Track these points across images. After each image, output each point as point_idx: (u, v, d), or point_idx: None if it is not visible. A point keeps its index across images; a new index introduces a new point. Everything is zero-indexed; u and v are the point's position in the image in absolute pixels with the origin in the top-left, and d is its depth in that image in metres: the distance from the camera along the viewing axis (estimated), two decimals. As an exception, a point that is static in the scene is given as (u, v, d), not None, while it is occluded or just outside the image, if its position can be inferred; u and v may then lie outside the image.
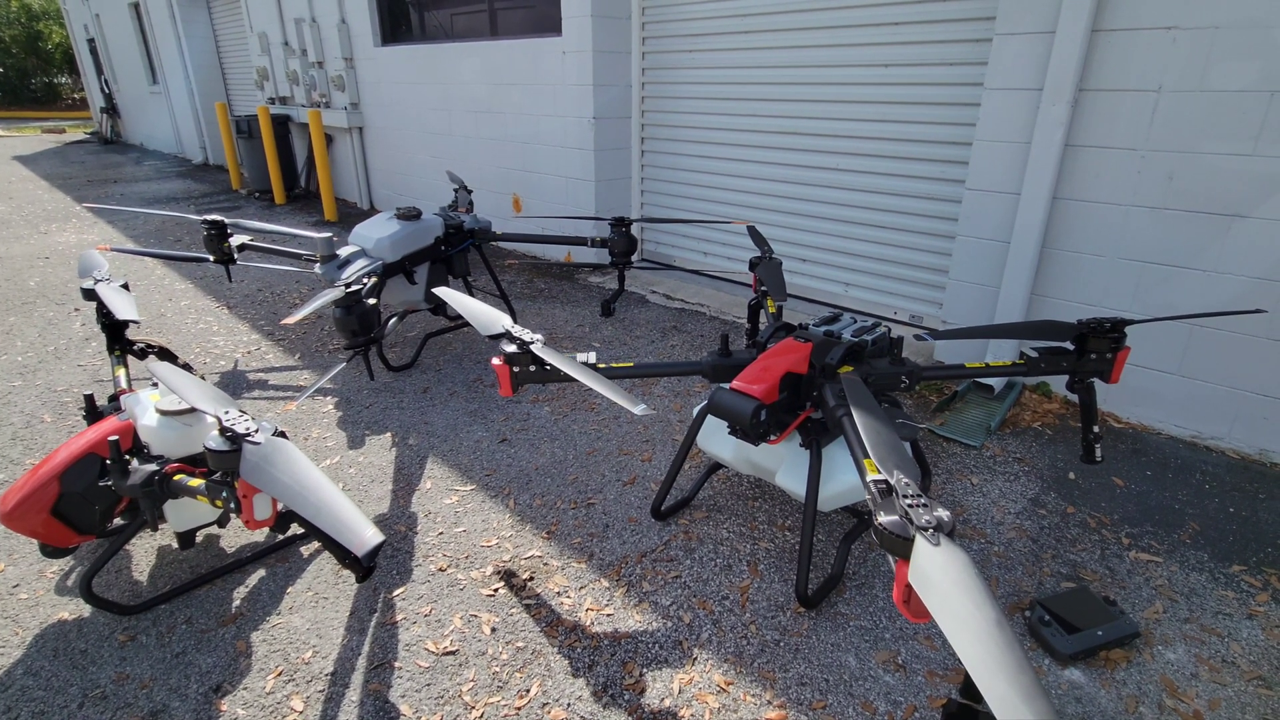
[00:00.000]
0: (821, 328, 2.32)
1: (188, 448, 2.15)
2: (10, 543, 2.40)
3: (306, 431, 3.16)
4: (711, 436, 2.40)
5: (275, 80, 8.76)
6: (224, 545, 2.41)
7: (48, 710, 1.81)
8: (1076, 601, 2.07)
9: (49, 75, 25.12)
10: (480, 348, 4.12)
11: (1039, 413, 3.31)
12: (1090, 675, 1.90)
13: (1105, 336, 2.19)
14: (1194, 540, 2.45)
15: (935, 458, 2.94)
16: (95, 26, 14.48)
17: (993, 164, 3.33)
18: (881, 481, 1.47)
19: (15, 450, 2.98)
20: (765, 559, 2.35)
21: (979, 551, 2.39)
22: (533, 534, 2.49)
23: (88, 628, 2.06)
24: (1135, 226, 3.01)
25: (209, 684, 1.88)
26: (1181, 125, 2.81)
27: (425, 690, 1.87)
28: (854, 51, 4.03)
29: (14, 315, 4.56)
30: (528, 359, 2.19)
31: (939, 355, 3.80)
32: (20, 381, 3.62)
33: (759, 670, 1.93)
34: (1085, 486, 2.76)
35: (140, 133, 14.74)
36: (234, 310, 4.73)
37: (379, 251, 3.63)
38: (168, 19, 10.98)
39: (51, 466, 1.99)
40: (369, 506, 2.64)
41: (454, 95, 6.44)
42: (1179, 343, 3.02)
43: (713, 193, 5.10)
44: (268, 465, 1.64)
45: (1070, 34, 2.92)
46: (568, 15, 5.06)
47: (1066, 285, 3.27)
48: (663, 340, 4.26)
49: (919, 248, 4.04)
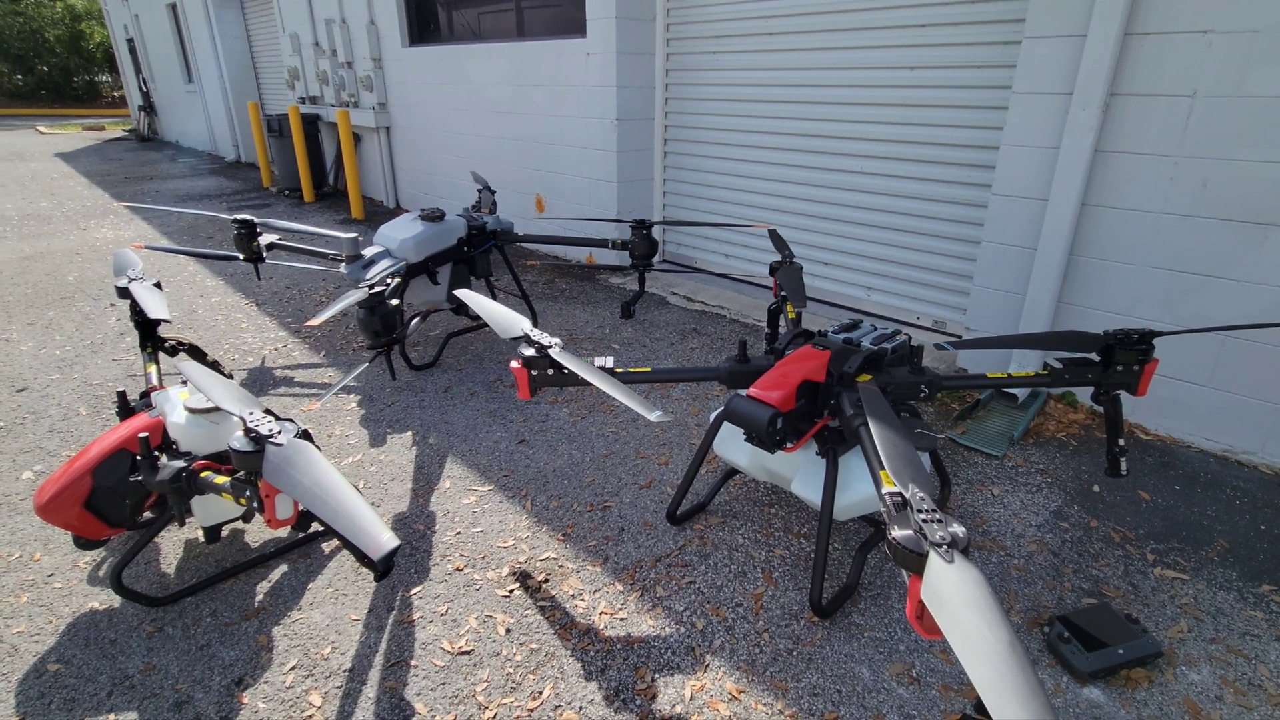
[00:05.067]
0: (840, 335, 2.31)
1: (214, 445, 2.21)
2: (45, 533, 2.48)
3: (330, 429, 3.22)
4: (728, 442, 2.40)
5: (305, 80, 8.91)
6: (248, 540, 2.47)
7: (78, 698, 1.87)
8: (1098, 618, 2.03)
9: (90, 74, 25.82)
10: (501, 348, 4.16)
11: (1063, 423, 3.25)
12: (1110, 695, 1.87)
13: (1133, 349, 2.15)
14: (1222, 558, 2.39)
15: (955, 467, 2.91)
16: (134, 27, 14.86)
17: (1020, 169, 3.28)
18: (896, 494, 1.46)
19: (52, 442, 3.08)
20: (780, 566, 2.35)
21: (998, 564, 2.36)
22: (549, 536, 2.51)
23: (117, 618, 2.13)
24: (1166, 234, 2.94)
25: (231, 677, 1.93)
26: (1217, 131, 2.74)
27: (440, 689, 1.90)
28: (879, 54, 3.99)
29: (53, 309, 4.71)
30: (546, 363, 2.21)
31: (961, 363, 3.74)
32: (58, 375, 3.73)
33: (771, 679, 1.93)
34: (1110, 500, 2.70)
35: (175, 130, 15.09)
36: (262, 307, 4.83)
37: (403, 252, 3.68)
38: (203, 19, 11.23)
39: (85, 461, 2.05)
40: (389, 505, 2.68)
41: (478, 96, 6.49)
42: (1210, 354, 2.94)
43: (734, 195, 5.08)
44: (289, 467, 1.68)
45: (1102, 37, 2.86)
46: (592, 17, 5.07)
47: (1094, 293, 3.21)
48: (682, 342, 4.26)
49: (942, 253, 3.99)
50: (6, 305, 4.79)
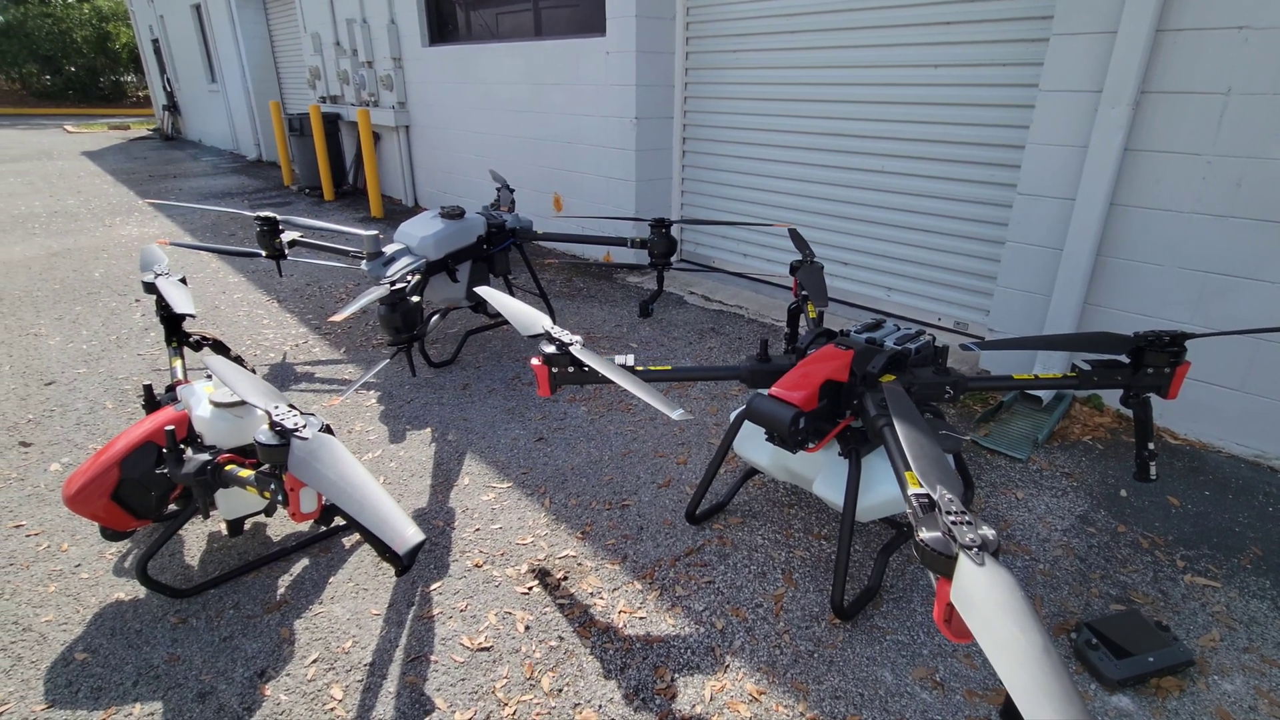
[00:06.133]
0: (863, 335, 2.28)
1: (238, 439, 2.23)
2: (73, 524, 2.52)
3: (350, 425, 3.24)
4: (748, 442, 2.38)
5: (326, 79, 9.00)
6: (270, 534, 2.49)
7: (105, 686, 1.89)
8: (1127, 625, 1.99)
9: (116, 74, 26.27)
10: (518, 346, 4.17)
11: (1089, 426, 3.19)
12: (1140, 703, 1.83)
13: (1164, 350, 2.10)
14: (1255, 566, 2.33)
15: (979, 470, 2.87)
16: (160, 27, 15.09)
17: (1046, 168, 3.23)
18: (923, 495, 1.44)
19: (79, 435, 3.12)
20: (800, 568, 2.33)
21: (1023, 569, 2.33)
22: (568, 533, 2.51)
23: (142, 608, 2.15)
24: (1198, 235, 2.88)
25: (254, 668, 1.95)
26: (1252, 129, 2.68)
27: (460, 685, 1.90)
28: (902, 51, 3.94)
29: (80, 305, 4.79)
30: (567, 360, 2.21)
31: (985, 364, 3.70)
32: (85, 369, 3.79)
33: (792, 681, 1.91)
34: (1138, 505, 2.65)
35: (198, 129, 15.31)
36: (283, 304, 4.88)
37: (423, 250, 3.70)
38: (227, 20, 11.38)
39: (112, 453, 2.08)
40: (408, 501, 2.70)
41: (497, 95, 6.52)
42: (1243, 357, 2.88)
43: (753, 194, 5.06)
44: (314, 461, 1.69)
45: (1133, 34, 2.81)
46: (612, 16, 5.07)
47: (1122, 295, 3.15)
48: (700, 342, 4.24)
49: (965, 253, 3.94)
50: (35, 300, 4.87)
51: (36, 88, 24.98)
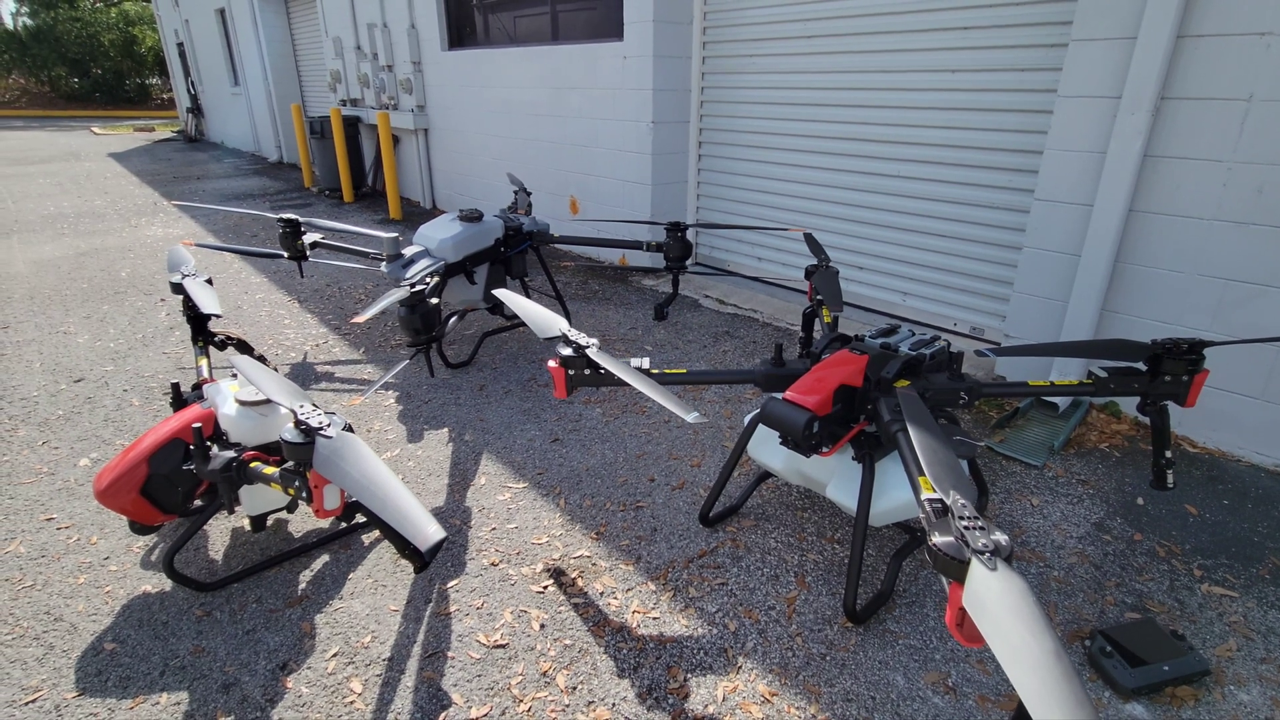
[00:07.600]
0: (878, 340, 2.29)
1: (263, 437, 2.28)
2: (102, 518, 2.59)
3: (369, 424, 3.30)
4: (762, 445, 2.40)
5: (347, 83, 9.12)
6: (291, 530, 2.54)
7: (132, 676, 1.95)
8: (1142, 634, 1.99)
9: (141, 77, 26.75)
10: (534, 347, 4.21)
11: (1106, 433, 3.17)
12: (1154, 713, 1.83)
13: (1182, 358, 2.09)
14: (1274, 576, 2.31)
15: (994, 476, 2.87)
16: (184, 31, 15.36)
17: (1064, 174, 3.21)
18: (937, 501, 1.45)
19: (107, 431, 3.20)
20: (813, 571, 2.34)
21: (1037, 575, 2.32)
22: (582, 534, 2.54)
23: (169, 601, 2.21)
24: (1218, 242, 2.86)
25: (276, 661, 1.99)
26: (1274, 136, 2.66)
27: (476, 681, 1.93)
28: (919, 57, 3.94)
29: (107, 304, 4.89)
30: (583, 362, 2.24)
31: (1000, 370, 3.68)
32: (112, 366, 3.88)
33: (804, 683, 1.93)
34: (1155, 513, 2.64)
35: (221, 131, 15.55)
36: (304, 305, 4.96)
37: (441, 252, 3.76)
38: (250, 24, 11.56)
39: (141, 449, 2.14)
40: (426, 500, 2.74)
41: (515, 99, 6.58)
42: (1264, 365, 2.85)
43: (769, 198, 5.07)
44: (338, 459, 1.73)
45: (1154, 40, 2.80)
46: (629, 20, 5.11)
47: (1140, 302, 3.13)
48: (714, 345, 4.26)
49: (981, 258, 3.93)
50: (64, 299, 4.99)
51: (65, 90, 25.50)
